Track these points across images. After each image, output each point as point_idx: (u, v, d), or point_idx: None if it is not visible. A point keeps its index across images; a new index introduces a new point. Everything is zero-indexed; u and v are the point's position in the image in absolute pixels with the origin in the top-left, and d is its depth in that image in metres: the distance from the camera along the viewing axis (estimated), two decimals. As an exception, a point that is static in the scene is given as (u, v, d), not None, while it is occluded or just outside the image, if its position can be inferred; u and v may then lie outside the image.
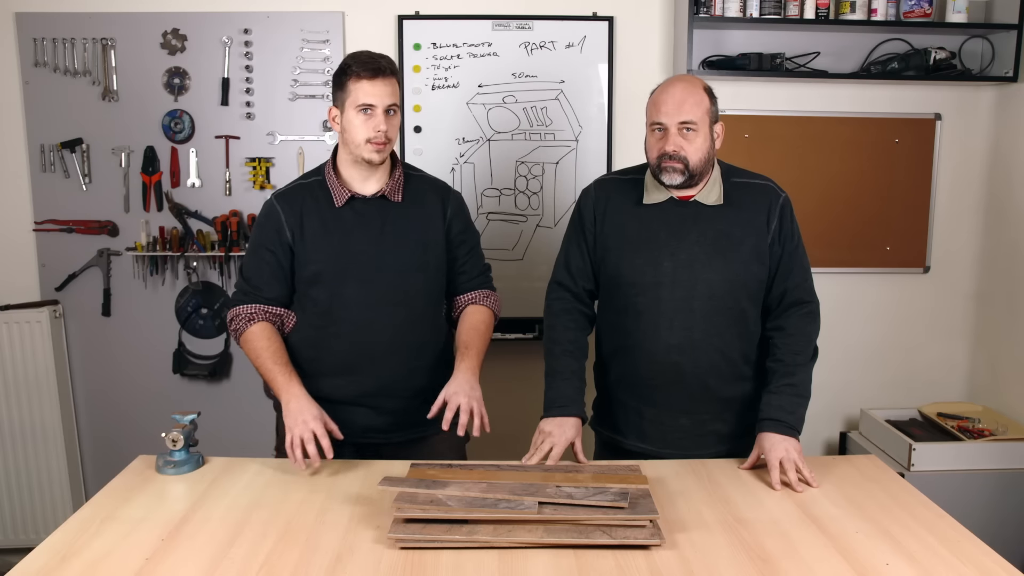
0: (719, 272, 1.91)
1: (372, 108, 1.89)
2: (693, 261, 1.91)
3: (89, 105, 2.99)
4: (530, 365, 3.18)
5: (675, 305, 1.92)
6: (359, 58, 1.91)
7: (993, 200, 3.17)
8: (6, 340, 3.00)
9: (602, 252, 2.01)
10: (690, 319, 1.92)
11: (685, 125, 1.84)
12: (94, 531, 1.57)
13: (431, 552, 1.49)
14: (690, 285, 1.91)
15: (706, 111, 1.87)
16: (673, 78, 1.93)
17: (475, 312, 2.10)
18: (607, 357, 2.09)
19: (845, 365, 3.27)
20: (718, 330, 1.93)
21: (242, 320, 1.98)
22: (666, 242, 1.93)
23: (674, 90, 1.86)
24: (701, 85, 1.89)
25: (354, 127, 1.91)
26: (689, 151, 1.85)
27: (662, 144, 1.87)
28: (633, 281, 1.95)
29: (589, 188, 2.07)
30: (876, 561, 1.47)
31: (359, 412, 2.03)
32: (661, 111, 1.86)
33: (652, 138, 1.90)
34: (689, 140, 1.85)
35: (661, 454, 1.99)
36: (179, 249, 3.04)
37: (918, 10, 2.93)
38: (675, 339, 1.93)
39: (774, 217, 1.94)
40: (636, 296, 1.95)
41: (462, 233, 2.08)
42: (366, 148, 1.91)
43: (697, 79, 1.92)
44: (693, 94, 1.85)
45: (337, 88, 1.93)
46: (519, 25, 3.01)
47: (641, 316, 1.95)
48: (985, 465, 2.79)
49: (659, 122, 1.87)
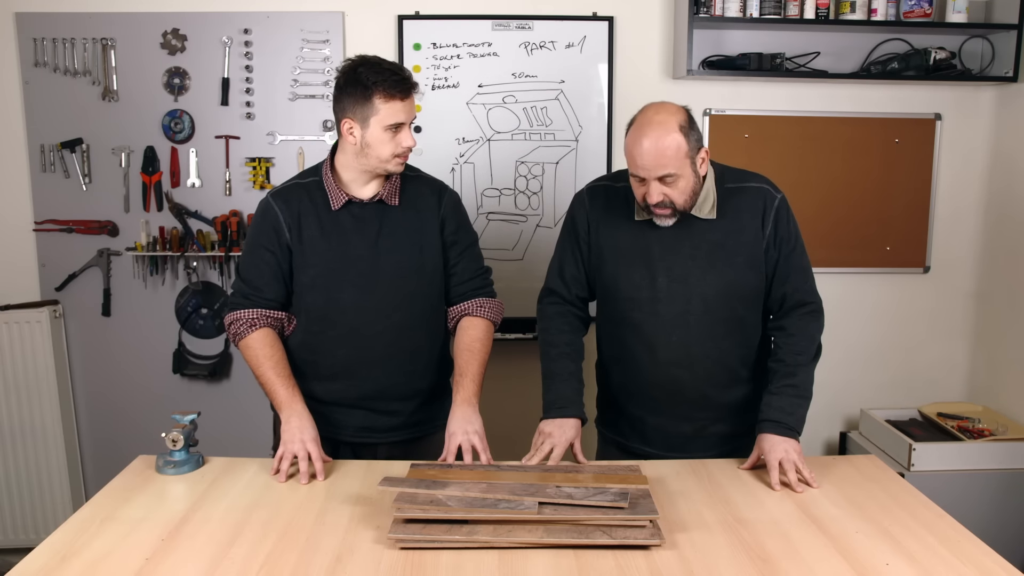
0: (713, 285, 1.90)
1: (401, 125, 1.86)
2: (687, 275, 1.90)
3: (89, 105, 2.99)
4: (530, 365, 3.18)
5: (672, 320, 1.91)
6: (382, 72, 1.82)
7: (993, 200, 3.17)
8: (6, 340, 3.00)
9: (597, 262, 2.00)
10: (687, 334, 1.92)
11: (665, 177, 1.79)
12: (94, 531, 1.57)
13: (431, 552, 1.49)
14: (685, 299, 1.90)
15: (684, 155, 1.77)
16: (644, 121, 1.78)
17: (470, 328, 2.03)
18: (608, 361, 2.09)
19: (845, 365, 3.27)
20: (715, 341, 1.92)
21: (243, 325, 1.95)
22: (660, 257, 1.91)
23: (646, 143, 1.75)
24: (675, 125, 1.76)
25: (381, 144, 1.86)
26: (674, 195, 1.81)
27: (645, 192, 1.81)
28: (629, 296, 1.94)
29: (582, 195, 2.04)
30: (876, 561, 1.47)
31: (357, 414, 2.04)
32: (638, 165, 1.79)
33: (635, 181, 1.84)
34: (672, 186, 1.80)
35: (665, 456, 1.99)
36: (179, 249, 3.04)
37: (918, 10, 2.93)
38: (673, 354, 1.93)
39: (768, 221, 1.91)
40: (632, 311, 1.94)
41: (454, 233, 2.04)
42: (393, 162, 1.90)
43: (670, 117, 1.77)
44: (667, 145, 1.75)
45: (356, 102, 1.84)
46: (519, 25, 3.01)
47: (638, 330, 1.95)
48: (985, 465, 2.79)
49: (637, 175, 1.81)
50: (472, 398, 1.95)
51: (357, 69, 1.84)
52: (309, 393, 1.97)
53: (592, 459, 2.00)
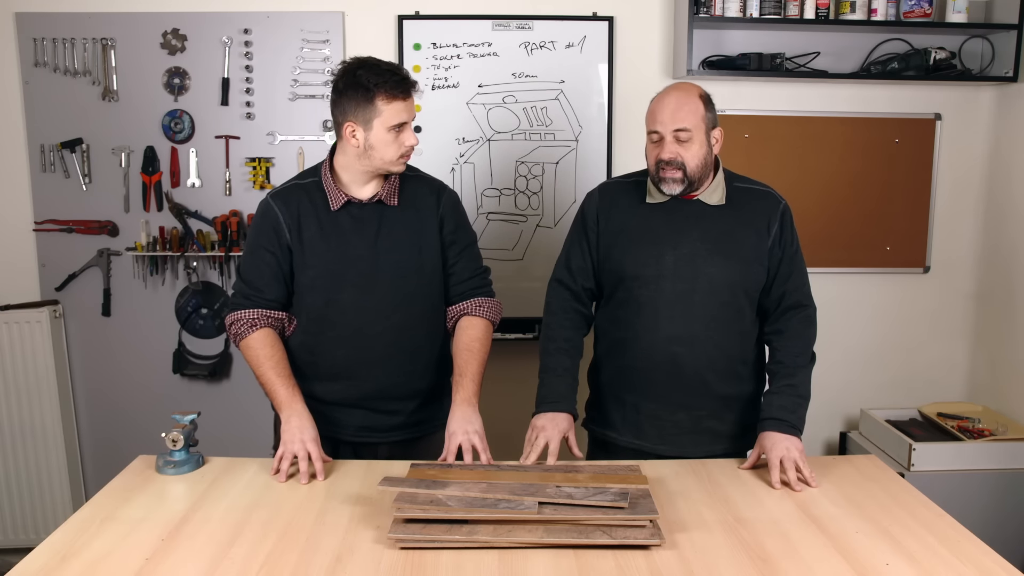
0: (720, 268, 1.93)
1: (404, 124, 1.87)
2: (695, 256, 1.94)
3: (89, 105, 2.99)
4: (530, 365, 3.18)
5: (676, 297, 1.94)
6: (382, 73, 1.83)
7: (993, 200, 3.17)
8: (6, 340, 3.00)
9: (606, 250, 2.03)
10: (691, 312, 1.94)
11: (680, 132, 1.87)
12: (94, 531, 1.57)
13: (431, 552, 1.49)
14: (692, 278, 1.94)
15: (701, 118, 1.89)
16: (669, 87, 1.94)
17: (469, 327, 2.04)
18: (603, 355, 2.10)
19: (845, 365, 3.27)
20: (717, 324, 1.95)
21: (243, 325, 1.95)
22: (668, 237, 1.95)
23: (668, 99, 1.89)
24: (696, 92, 1.91)
25: (385, 145, 1.87)
26: (686, 157, 1.88)
27: (659, 151, 1.90)
28: (636, 274, 1.97)
29: (593, 192, 2.10)
30: (876, 561, 1.47)
31: (357, 413, 2.04)
32: (656, 119, 1.90)
33: (651, 147, 1.94)
34: (685, 147, 1.88)
35: (656, 451, 2.00)
36: (179, 249, 3.04)
37: (918, 10, 2.93)
38: (675, 330, 1.95)
39: (775, 222, 1.96)
40: (639, 289, 1.97)
41: (453, 232, 2.04)
42: (397, 163, 1.91)
43: (693, 86, 1.93)
44: (688, 102, 1.88)
45: (357, 104, 1.83)
46: (519, 25, 3.01)
47: (642, 308, 1.97)
48: (985, 465, 2.79)
49: (655, 130, 1.90)
50: (472, 398, 1.95)
51: (356, 72, 1.84)
52: (309, 393, 1.97)
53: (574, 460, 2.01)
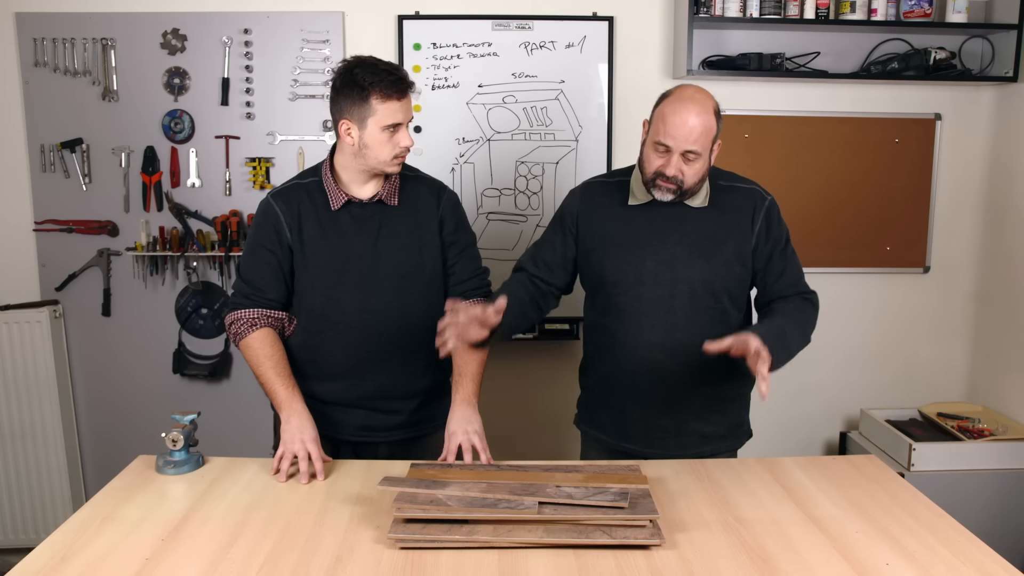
0: (700, 272, 1.91)
1: (399, 125, 1.87)
2: (675, 260, 1.92)
3: (89, 105, 2.99)
4: (530, 365, 3.19)
5: (656, 304, 1.93)
6: (378, 72, 1.82)
7: (993, 200, 3.17)
8: (6, 340, 3.00)
9: (584, 254, 2.02)
10: (671, 318, 1.93)
11: (690, 153, 1.82)
12: (94, 531, 1.57)
13: (431, 552, 1.49)
14: (671, 284, 1.92)
15: (711, 139, 1.83)
16: (686, 96, 1.82)
17: None
18: (591, 356, 2.10)
19: (845, 365, 3.28)
20: (699, 329, 1.92)
21: (243, 324, 1.96)
22: (648, 241, 1.93)
23: (688, 116, 1.79)
24: (712, 107, 1.83)
25: (380, 145, 1.86)
26: (688, 175, 1.85)
27: (663, 165, 1.84)
28: (615, 281, 1.96)
29: (576, 190, 2.08)
30: (876, 561, 1.47)
31: (357, 413, 2.04)
32: (670, 134, 1.81)
33: (653, 154, 1.86)
34: (690, 165, 1.84)
35: (645, 454, 2.00)
36: (179, 249, 3.04)
37: (918, 10, 2.93)
38: (657, 337, 1.94)
39: (759, 220, 1.94)
40: (619, 295, 1.96)
41: (453, 233, 2.05)
42: (392, 163, 1.90)
43: (709, 99, 1.84)
44: (705, 122, 1.80)
45: (353, 103, 1.83)
46: (519, 25, 3.01)
47: (623, 315, 1.96)
48: (985, 465, 2.79)
49: (665, 144, 1.82)
50: (471, 398, 1.95)
51: (353, 70, 1.84)
52: (309, 393, 1.97)
53: (576, 459, 2.01)
